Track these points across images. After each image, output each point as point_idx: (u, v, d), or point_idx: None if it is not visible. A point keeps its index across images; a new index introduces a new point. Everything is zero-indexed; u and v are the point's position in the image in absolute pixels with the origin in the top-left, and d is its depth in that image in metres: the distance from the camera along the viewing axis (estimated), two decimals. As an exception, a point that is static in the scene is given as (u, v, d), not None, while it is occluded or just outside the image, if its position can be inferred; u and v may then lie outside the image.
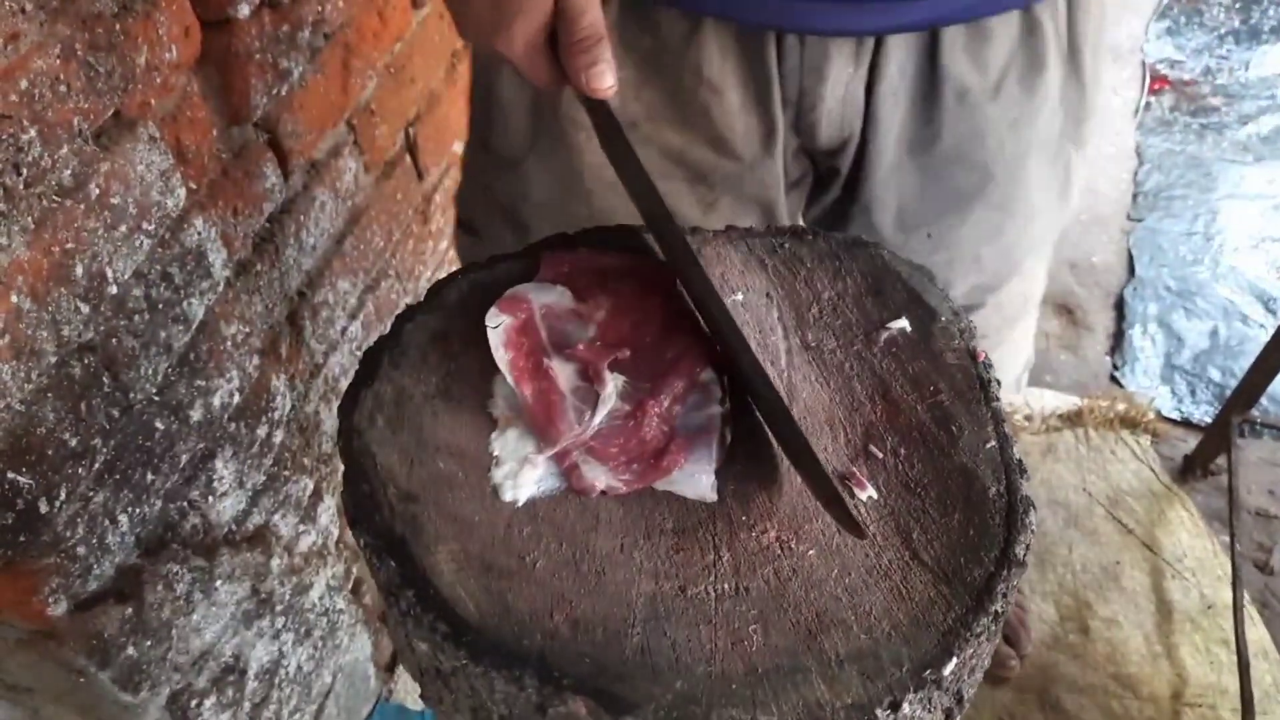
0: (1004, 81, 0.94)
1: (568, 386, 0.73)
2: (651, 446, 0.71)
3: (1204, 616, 1.90)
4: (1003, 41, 0.92)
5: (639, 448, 0.72)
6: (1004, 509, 0.69)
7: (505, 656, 0.60)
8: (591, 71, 0.70)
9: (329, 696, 1.50)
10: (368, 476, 0.68)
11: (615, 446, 0.71)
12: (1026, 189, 1.02)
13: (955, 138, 0.96)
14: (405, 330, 0.77)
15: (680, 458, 0.71)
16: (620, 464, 0.71)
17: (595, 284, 0.79)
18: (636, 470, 0.70)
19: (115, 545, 0.99)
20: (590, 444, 0.71)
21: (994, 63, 0.93)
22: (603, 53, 0.70)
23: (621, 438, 0.72)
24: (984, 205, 1.01)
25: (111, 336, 0.94)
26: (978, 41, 0.91)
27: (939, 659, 0.63)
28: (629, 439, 0.72)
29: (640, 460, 0.71)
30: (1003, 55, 0.92)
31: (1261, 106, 3.24)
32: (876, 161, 0.96)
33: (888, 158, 0.97)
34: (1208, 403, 2.37)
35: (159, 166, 0.97)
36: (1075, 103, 1.00)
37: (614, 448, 0.71)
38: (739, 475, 0.72)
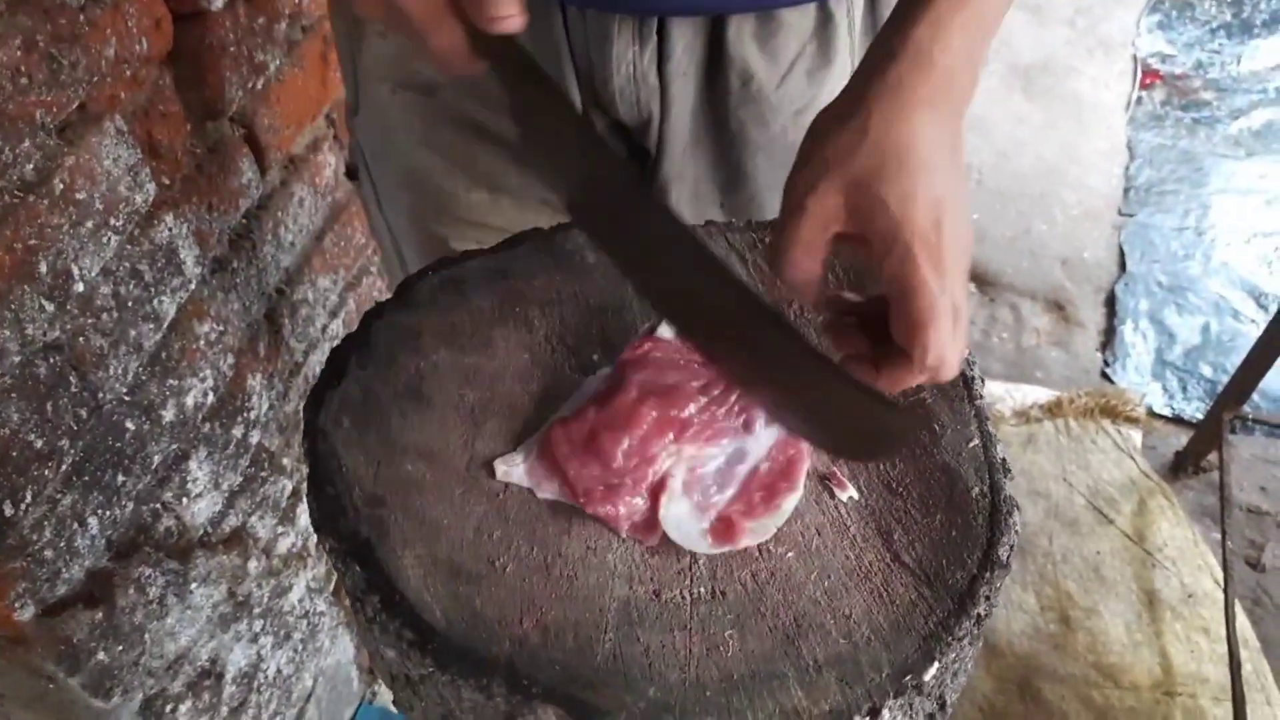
0: (792, 72, 0.94)
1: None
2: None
3: (1184, 605, 1.89)
4: (795, 33, 0.92)
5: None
6: (987, 509, 0.68)
7: (472, 664, 0.59)
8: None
9: (310, 700, 1.48)
10: (333, 479, 0.66)
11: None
12: None
13: (739, 120, 0.96)
14: (374, 328, 0.75)
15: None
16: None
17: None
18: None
19: (85, 548, 0.97)
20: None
21: (784, 53, 0.93)
22: None
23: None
24: (769, 189, 1.01)
25: (79, 335, 0.92)
26: (768, 30, 0.91)
27: (920, 664, 0.61)
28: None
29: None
30: (794, 46, 0.92)
31: (1253, 100, 3.23)
32: (673, 141, 0.96)
33: (683, 137, 0.97)
34: (1199, 399, 2.36)
35: (127, 161, 0.94)
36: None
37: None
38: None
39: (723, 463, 0.69)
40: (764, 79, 0.93)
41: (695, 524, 0.67)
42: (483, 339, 0.76)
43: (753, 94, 0.94)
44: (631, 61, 0.89)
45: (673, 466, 0.68)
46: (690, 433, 0.69)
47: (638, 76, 0.90)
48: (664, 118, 0.95)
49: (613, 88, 0.91)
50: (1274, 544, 2.06)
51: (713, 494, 0.68)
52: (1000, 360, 2.47)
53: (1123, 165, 3.05)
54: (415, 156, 1.00)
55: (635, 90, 0.91)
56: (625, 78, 0.90)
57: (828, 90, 0.96)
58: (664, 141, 0.97)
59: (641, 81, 0.91)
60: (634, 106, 0.93)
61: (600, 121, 0.96)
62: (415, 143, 0.99)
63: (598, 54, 0.89)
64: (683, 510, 0.67)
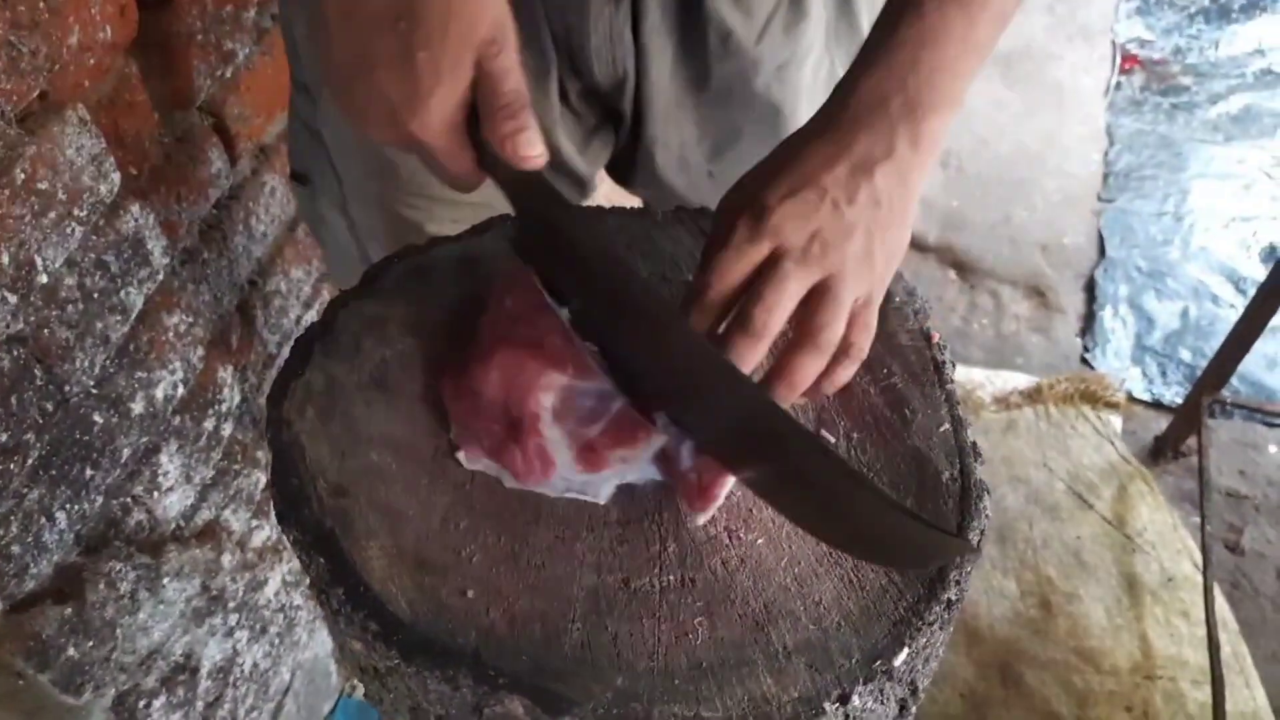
0: (769, 27, 0.95)
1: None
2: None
3: (1164, 589, 1.90)
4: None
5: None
6: (957, 494, 0.68)
7: (439, 656, 0.58)
8: (519, 139, 0.63)
9: (288, 694, 1.47)
10: (296, 470, 0.65)
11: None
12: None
13: (724, 78, 0.97)
14: (339, 317, 0.74)
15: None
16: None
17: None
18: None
19: (53, 543, 0.96)
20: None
21: (759, 8, 0.93)
22: (529, 119, 0.64)
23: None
24: (759, 146, 1.01)
25: (43, 327, 0.91)
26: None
27: (890, 649, 0.61)
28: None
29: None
30: (768, 2, 0.93)
31: (1231, 85, 3.24)
32: (654, 102, 0.97)
33: (664, 98, 0.97)
34: (1178, 383, 2.37)
35: (90, 151, 0.93)
36: (850, 51, 1.02)
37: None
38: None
39: (595, 399, 0.67)
40: (742, 35, 0.94)
41: (566, 451, 0.66)
42: (449, 327, 0.75)
43: (733, 50, 0.95)
44: (608, 20, 0.89)
45: (544, 397, 0.66)
46: (558, 363, 0.67)
47: (614, 36, 0.90)
48: (640, 78, 0.95)
49: (589, 49, 0.90)
50: (1253, 528, 2.07)
51: (584, 424, 0.67)
52: (980, 347, 2.48)
53: (1102, 151, 3.05)
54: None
55: (611, 50, 0.91)
56: (602, 37, 0.90)
57: (805, 43, 0.97)
58: (643, 103, 0.97)
59: (617, 40, 0.91)
60: (609, 66, 0.93)
61: (574, 86, 0.96)
62: None
63: (575, 15, 0.89)
64: (554, 436, 0.66)
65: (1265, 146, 3.00)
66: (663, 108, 0.98)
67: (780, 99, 1.00)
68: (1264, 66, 3.31)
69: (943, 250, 2.71)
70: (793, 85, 1.00)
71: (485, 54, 0.63)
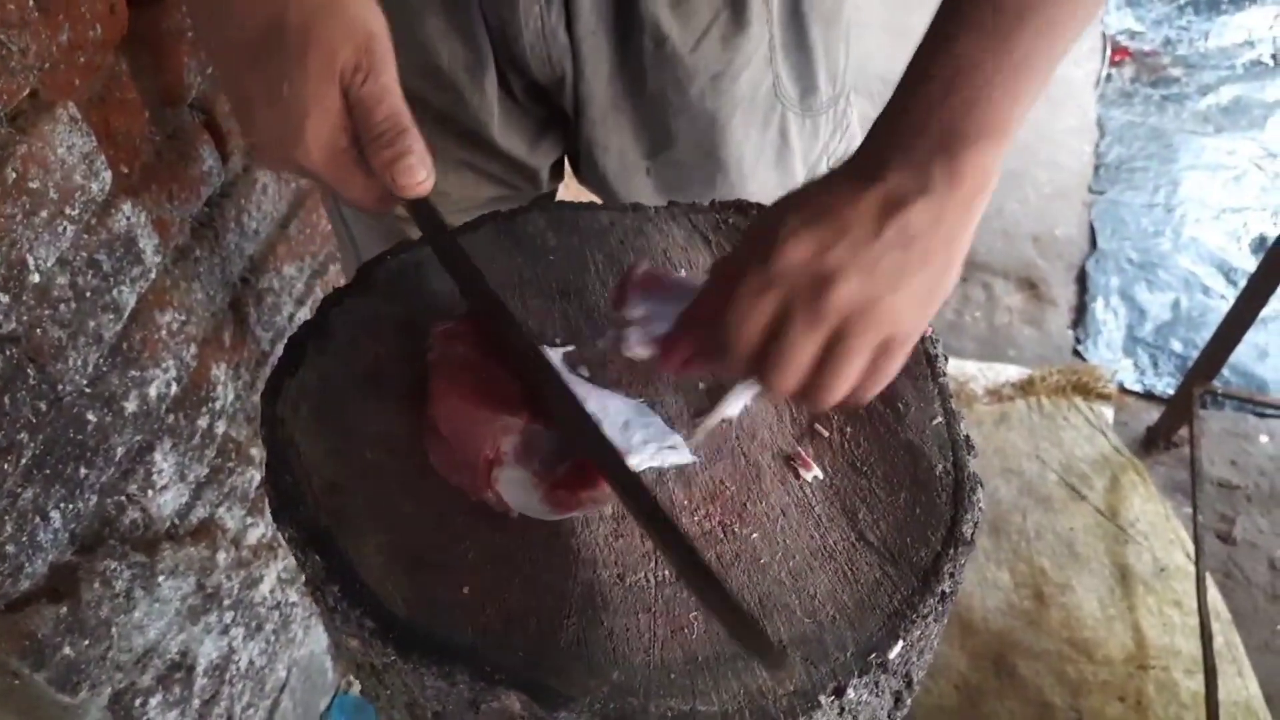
0: (706, 36, 0.94)
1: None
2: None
3: (1157, 580, 1.91)
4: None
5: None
6: (951, 486, 0.68)
7: (435, 652, 0.58)
8: (398, 166, 0.62)
9: (284, 691, 1.47)
10: (291, 467, 0.65)
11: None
12: (736, 145, 1.02)
13: (658, 83, 0.96)
14: (332, 314, 0.74)
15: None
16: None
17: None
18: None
19: (47, 542, 0.96)
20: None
21: (697, 16, 0.92)
22: (408, 143, 0.62)
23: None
24: (693, 151, 1.02)
25: (35, 327, 0.90)
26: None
27: (885, 642, 0.61)
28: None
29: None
30: (707, 11, 0.92)
31: (1221, 77, 3.25)
32: (591, 101, 0.97)
33: (601, 98, 0.97)
34: (1170, 374, 2.37)
35: (81, 149, 0.93)
36: (799, 70, 1.01)
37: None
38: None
39: (559, 440, 0.66)
40: (677, 41, 0.93)
41: (531, 491, 0.64)
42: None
43: (667, 56, 0.94)
44: (539, 17, 0.89)
45: (503, 437, 0.65)
46: (516, 409, 0.66)
47: (546, 34, 0.90)
48: (578, 78, 0.94)
49: (523, 44, 0.90)
50: (1244, 518, 2.08)
51: (550, 463, 0.65)
52: (973, 339, 2.48)
53: (1093, 143, 3.06)
54: None
55: (545, 48, 0.91)
56: (534, 34, 0.90)
57: (743, 56, 0.96)
58: (581, 103, 0.96)
59: (551, 39, 0.90)
60: (546, 64, 0.92)
61: (518, 82, 0.96)
62: None
63: (506, 9, 0.88)
64: (517, 477, 0.64)
65: (1255, 138, 3.00)
66: (600, 109, 0.98)
67: (714, 108, 0.98)
68: (1254, 58, 3.32)
69: (935, 243, 2.71)
70: (728, 96, 0.98)
71: (351, 82, 0.62)
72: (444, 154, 0.98)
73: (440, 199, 0.90)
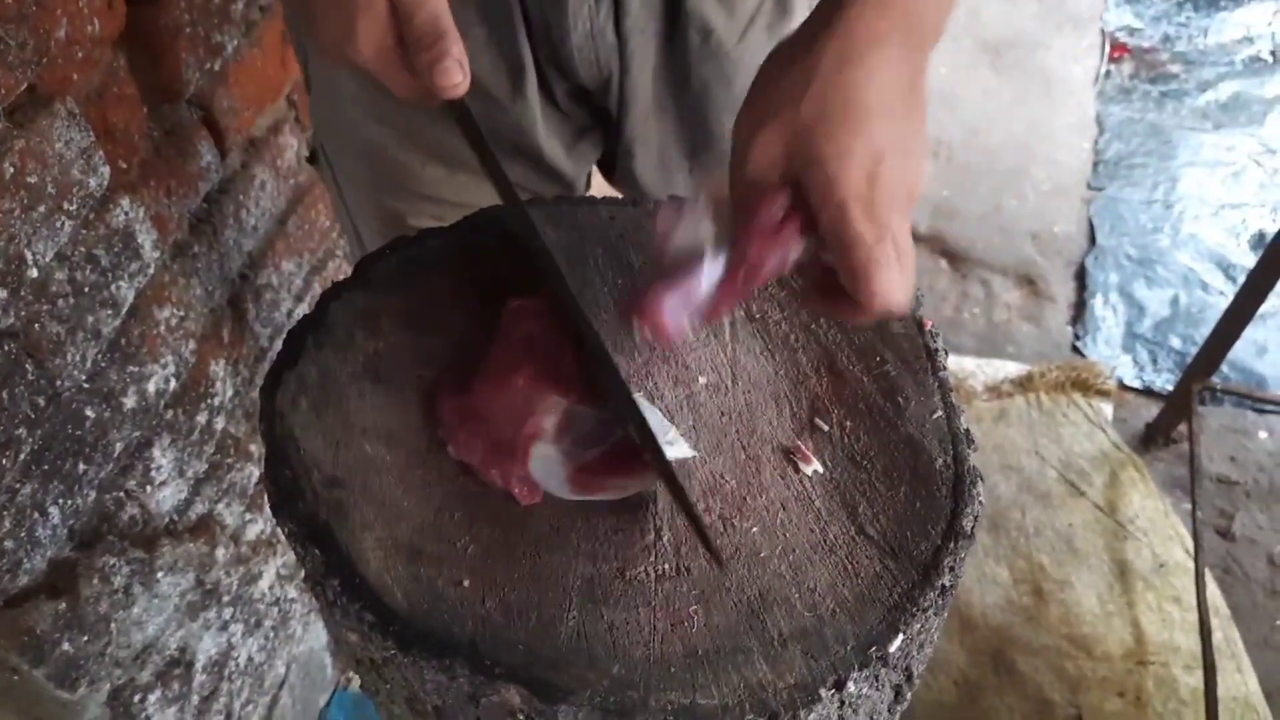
0: (751, 27, 0.94)
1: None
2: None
3: (1156, 575, 1.91)
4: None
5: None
6: (951, 480, 0.68)
7: (435, 646, 0.58)
8: (436, 68, 0.64)
9: (283, 687, 1.47)
10: (290, 461, 0.65)
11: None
12: None
13: (702, 79, 0.96)
14: (331, 308, 0.74)
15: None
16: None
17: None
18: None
19: (46, 538, 0.96)
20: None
21: (741, 7, 0.93)
22: (446, 47, 0.64)
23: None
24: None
25: (34, 322, 0.90)
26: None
27: (885, 635, 0.61)
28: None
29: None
30: (752, 1, 0.93)
31: (1220, 73, 3.25)
32: (635, 100, 0.96)
33: (645, 96, 0.97)
34: (1169, 371, 2.37)
35: (79, 144, 0.93)
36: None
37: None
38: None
39: (597, 424, 0.67)
40: (723, 34, 0.93)
41: (559, 470, 0.65)
42: (441, 319, 0.75)
43: (713, 50, 0.94)
44: (588, 18, 0.88)
45: (545, 417, 0.66)
46: (562, 387, 0.67)
47: (595, 33, 0.89)
48: (624, 76, 0.94)
49: (570, 46, 0.90)
50: (1243, 514, 2.08)
51: (583, 445, 0.66)
52: (972, 335, 2.48)
53: (1092, 139, 3.06)
54: (369, 132, 0.98)
55: (594, 48, 0.91)
56: (583, 35, 0.89)
57: None
58: (625, 102, 0.96)
59: (599, 38, 0.90)
60: (593, 65, 0.92)
61: (560, 86, 0.95)
62: (369, 118, 0.98)
63: (554, 11, 0.88)
64: (549, 453, 0.66)
65: (1254, 134, 3.00)
66: (644, 107, 0.97)
67: None
68: (1252, 54, 3.31)
69: (934, 240, 2.71)
70: None
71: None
72: (478, 166, 0.98)
73: (468, 211, 0.91)
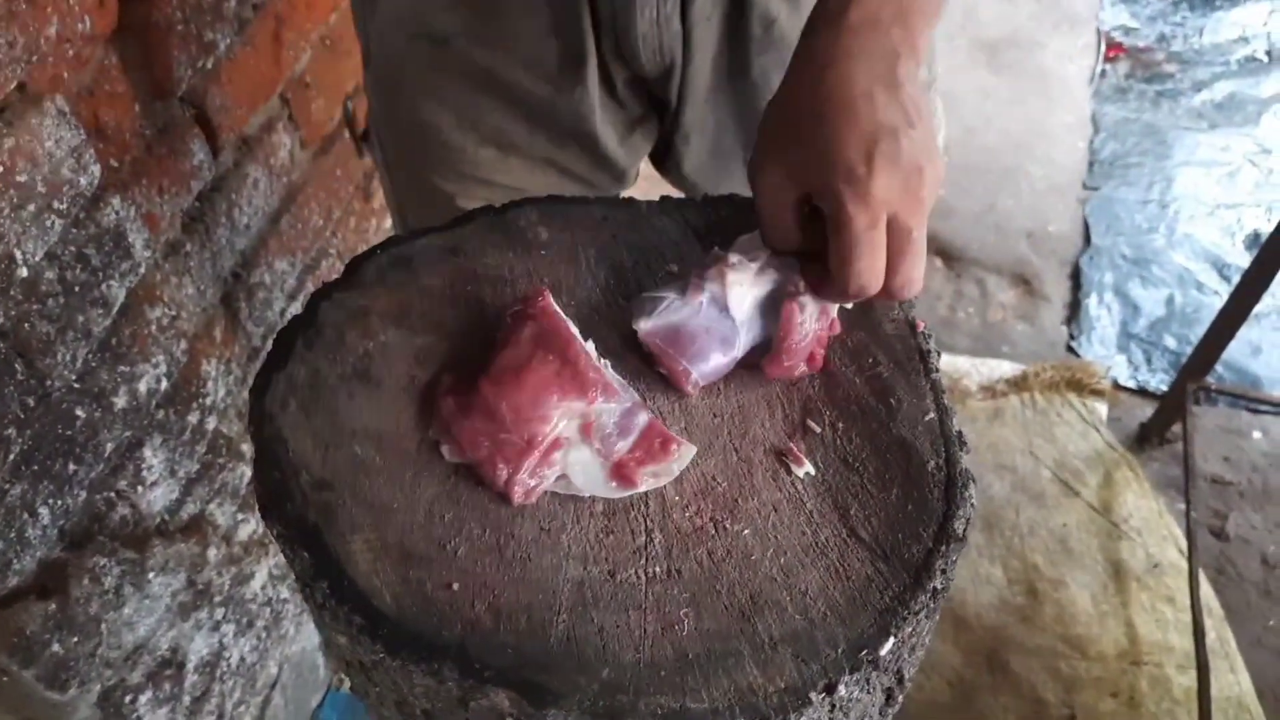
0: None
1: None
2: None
3: (1150, 576, 1.91)
4: None
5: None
6: (943, 482, 0.68)
7: (424, 649, 0.58)
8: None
9: (275, 688, 1.47)
10: (279, 463, 0.64)
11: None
12: None
13: (762, 67, 0.97)
14: (321, 309, 0.73)
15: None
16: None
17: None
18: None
19: (36, 539, 0.95)
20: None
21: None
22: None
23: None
24: None
25: (23, 321, 0.90)
26: None
27: (876, 639, 0.61)
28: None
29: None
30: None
31: (1215, 73, 3.25)
32: (695, 88, 0.97)
33: (704, 84, 0.98)
34: (1164, 371, 2.37)
35: (69, 143, 0.92)
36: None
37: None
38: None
39: (620, 414, 0.69)
40: (785, 24, 0.94)
41: (599, 470, 0.67)
42: (433, 318, 0.75)
43: (774, 40, 0.94)
44: (655, 6, 0.89)
45: (563, 423, 0.67)
46: (580, 389, 0.68)
47: (660, 21, 0.90)
48: (686, 66, 0.95)
49: (635, 35, 0.90)
50: (1237, 514, 2.08)
51: (613, 441, 0.68)
52: (967, 335, 2.48)
53: (1087, 138, 3.06)
54: (425, 110, 0.99)
55: (658, 36, 0.91)
56: (649, 22, 0.90)
57: None
58: (685, 91, 0.97)
59: (665, 27, 0.91)
60: (656, 54, 0.92)
61: (620, 75, 0.96)
62: (425, 96, 0.98)
63: (621, 1, 0.89)
64: (585, 456, 0.67)
65: (1249, 133, 3.00)
66: (702, 96, 0.98)
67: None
68: (1248, 53, 3.32)
69: (928, 238, 2.69)
70: None
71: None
72: (531, 151, 1.00)
73: (518, 196, 0.94)
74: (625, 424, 0.69)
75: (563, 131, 0.99)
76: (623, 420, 0.69)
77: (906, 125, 0.66)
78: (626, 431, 0.69)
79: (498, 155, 1.00)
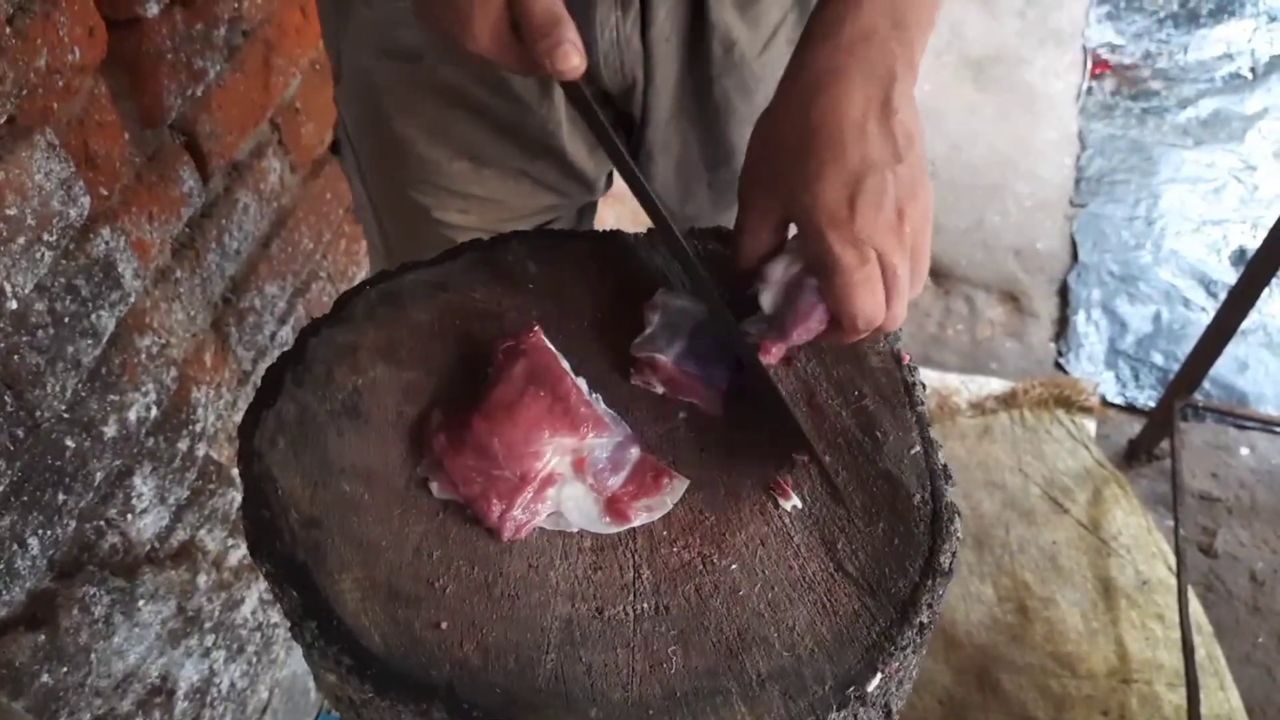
0: (774, 39, 0.96)
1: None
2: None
3: (1139, 593, 1.92)
4: (776, 1, 0.94)
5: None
6: (928, 516, 0.68)
7: (412, 689, 0.58)
8: (555, 54, 0.67)
9: (266, 712, 1.47)
10: (268, 502, 0.65)
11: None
12: None
13: (724, 89, 0.98)
14: (310, 345, 0.73)
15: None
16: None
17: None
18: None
19: (25, 569, 0.95)
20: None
21: (766, 20, 0.95)
22: (563, 33, 0.67)
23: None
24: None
25: (13, 354, 0.90)
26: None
27: (863, 675, 0.61)
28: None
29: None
30: (775, 14, 0.95)
31: (1200, 90, 3.27)
32: (657, 108, 0.98)
33: (666, 105, 0.98)
34: (1151, 387, 2.39)
35: (59, 175, 0.93)
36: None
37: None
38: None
39: (612, 449, 0.70)
40: (746, 46, 0.94)
41: (592, 505, 0.68)
42: (422, 354, 0.75)
43: (735, 61, 0.95)
44: (615, 26, 0.90)
45: (556, 458, 0.68)
46: (572, 425, 0.69)
47: (620, 42, 0.91)
48: (648, 84, 0.95)
49: (596, 53, 0.91)
50: (1225, 530, 2.09)
51: (606, 476, 0.69)
52: (955, 352, 2.49)
53: (1074, 155, 3.07)
54: (398, 125, 0.99)
55: (619, 56, 0.92)
56: (609, 42, 0.91)
57: None
58: (648, 110, 0.97)
59: (625, 47, 0.91)
60: (618, 73, 0.93)
61: (586, 90, 0.96)
62: (398, 111, 0.99)
63: (581, 18, 0.88)
64: (578, 492, 0.68)
65: (1234, 150, 3.02)
66: (665, 115, 0.99)
67: None
68: (1232, 70, 3.34)
69: (918, 256, 2.71)
70: None
71: None
72: (504, 163, 1.01)
73: (497, 208, 0.99)
74: (617, 458, 0.70)
75: (533, 145, 0.99)
76: (615, 455, 0.70)
77: (894, 160, 0.67)
78: (619, 466, 0.70)
79: (471, 168, 1.01)
